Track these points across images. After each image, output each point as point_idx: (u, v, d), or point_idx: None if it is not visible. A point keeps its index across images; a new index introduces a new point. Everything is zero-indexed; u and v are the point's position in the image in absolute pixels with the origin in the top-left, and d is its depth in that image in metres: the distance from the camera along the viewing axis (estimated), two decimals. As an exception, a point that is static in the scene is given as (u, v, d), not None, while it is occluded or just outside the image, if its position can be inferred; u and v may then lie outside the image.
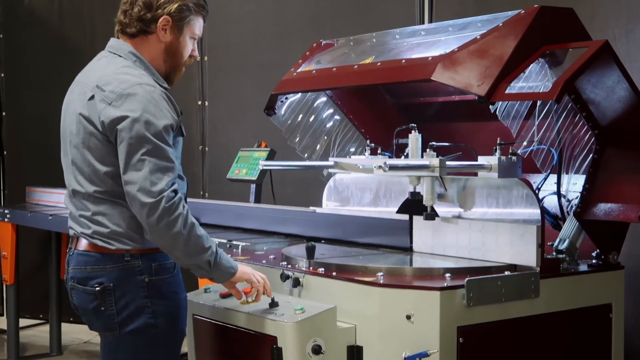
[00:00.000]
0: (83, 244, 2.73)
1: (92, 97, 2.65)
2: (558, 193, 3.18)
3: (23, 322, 6.28)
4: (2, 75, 7.01)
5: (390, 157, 3.47)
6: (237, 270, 2.76)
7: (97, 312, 2.70)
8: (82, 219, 2.72)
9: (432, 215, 3.06)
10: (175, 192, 2.58)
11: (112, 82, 2.64)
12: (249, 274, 2.80)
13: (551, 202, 3.22)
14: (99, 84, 2.66)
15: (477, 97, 2.85)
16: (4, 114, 7.01)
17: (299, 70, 3.64)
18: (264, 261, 3.20)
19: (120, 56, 2.74)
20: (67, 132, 2.76)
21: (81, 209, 2.72)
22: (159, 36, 2.73)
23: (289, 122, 3.79)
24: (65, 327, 6.09)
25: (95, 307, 2.70)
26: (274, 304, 2.83)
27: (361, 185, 3.64)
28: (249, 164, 4.45)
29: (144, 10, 2.70)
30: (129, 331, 2.69)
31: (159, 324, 2.70)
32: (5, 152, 7.00)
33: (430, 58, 3.01)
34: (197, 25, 2.80)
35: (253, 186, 4.49)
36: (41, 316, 6.73)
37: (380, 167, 2.86)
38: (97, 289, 2.66)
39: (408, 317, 2.64)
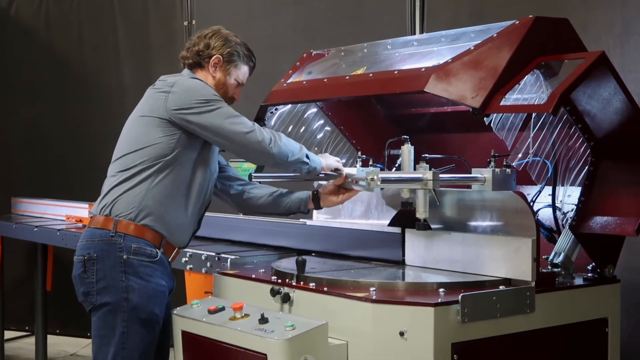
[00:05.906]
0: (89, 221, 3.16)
1: (154, 86, 3.16)
2: (553, 206, 3.13)
3: (8, 334, 6.26)
4: (-11, 85, 6.94)
5: (382, 168, 3.41)
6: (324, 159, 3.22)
7: (82, 279, 3.05)
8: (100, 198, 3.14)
9: (425, 225, 3.00)
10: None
11: (170, 76, 3.17)
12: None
13: (546, 215, 3.18)
14: (160, 79, 3.18)
15: (471, 109, 2.80)
16: (-11, 124, 6.94)
17: (289, 80, 3.59)
18: (253, 275, 3.14)
19: (182, 75, 3.23)
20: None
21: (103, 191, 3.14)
22: (210, 71, 3.24)
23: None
24: (51, 339, 6.04)
25: (80, 273, 3.06)
26: (263, 320, 2.77)
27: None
28: (239, 175, 4.38)
29: (203, 48, 3.25)
30: (104, 302, 3.01)
31: (131, 299, 2.99)
32: (-9, 162, 6.93)
33: (423, 69, 2.97)
34: (243, 71, 3.30)
35: (242, 198, 4.43)
36: (27, 328, 6.66)
37: (372, 179, 2.81)
38: (85, 257, 3.03)
39: (401, 334, 2.59)
